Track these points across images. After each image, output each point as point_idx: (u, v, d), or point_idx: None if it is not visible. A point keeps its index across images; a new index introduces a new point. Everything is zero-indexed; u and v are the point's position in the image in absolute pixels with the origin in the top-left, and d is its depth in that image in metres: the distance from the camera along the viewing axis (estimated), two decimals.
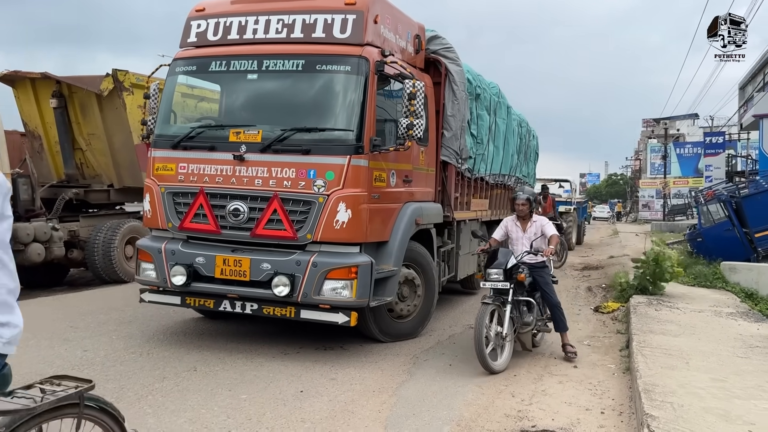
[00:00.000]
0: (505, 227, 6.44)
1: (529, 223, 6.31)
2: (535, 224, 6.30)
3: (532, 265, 6.10)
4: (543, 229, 6.22)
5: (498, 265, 5.85)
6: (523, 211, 6.28)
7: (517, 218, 6.36)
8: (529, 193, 6.42)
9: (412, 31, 7.09)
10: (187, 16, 6.56)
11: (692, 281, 11.16)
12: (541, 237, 6.20)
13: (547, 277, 6.19)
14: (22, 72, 11.35)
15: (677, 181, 47.73)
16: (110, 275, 10.71)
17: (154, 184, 6.22)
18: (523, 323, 5.98)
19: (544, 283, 6.14)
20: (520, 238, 6.30)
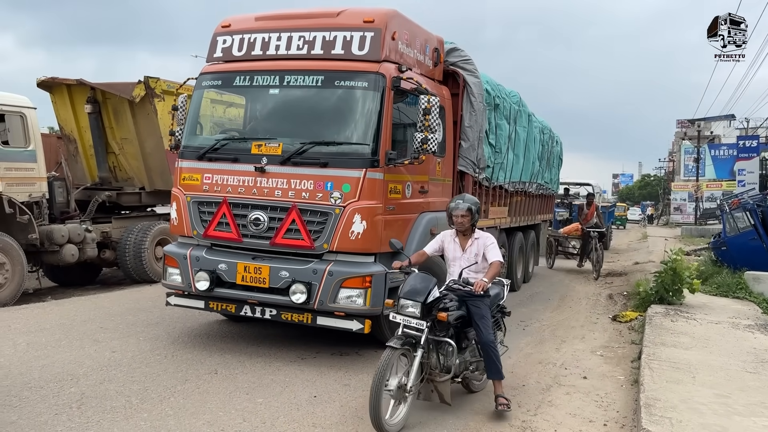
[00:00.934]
0: (441, 242, 5.31)
1: (470, 241, 5.18)
2: (476, 242, 5.17)
3: (466, 294, 4.91)
4: (485, 251, 5.12)
5: (414, 294, 4.63)
6: (462, 224, 5.13)
7: (457, 233, 5.24)
8: (470, 202, 5.17)
9: (430, 44, 7.26)
10: (214, 31, 6.84)
11: (715, 290, 11.10)
12: (482, 261, 5.13)
13: (485, 308, 4.95)
14: (58, 78, 11.82)
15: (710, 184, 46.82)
16: (140, 275, 11.12)
17: (181, 193, 6.51)
18: (442, 369, 4.78)
19: (479, 317, 4.90)
20: (457, 259, 5.20)
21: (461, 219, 5.12)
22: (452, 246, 5.24)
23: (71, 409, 4.64)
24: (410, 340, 4.57)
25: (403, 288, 4.77)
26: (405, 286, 4.75)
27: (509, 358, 6.62)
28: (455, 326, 4.84)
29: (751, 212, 12.54)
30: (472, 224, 5.18)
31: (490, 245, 5.13)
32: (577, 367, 6.39)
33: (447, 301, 4.80)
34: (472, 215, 5.14)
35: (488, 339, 4.88)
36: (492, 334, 4.95)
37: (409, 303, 4.63)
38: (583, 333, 8.17)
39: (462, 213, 5.11)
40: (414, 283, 4.74)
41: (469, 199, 5.25)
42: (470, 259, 5.12)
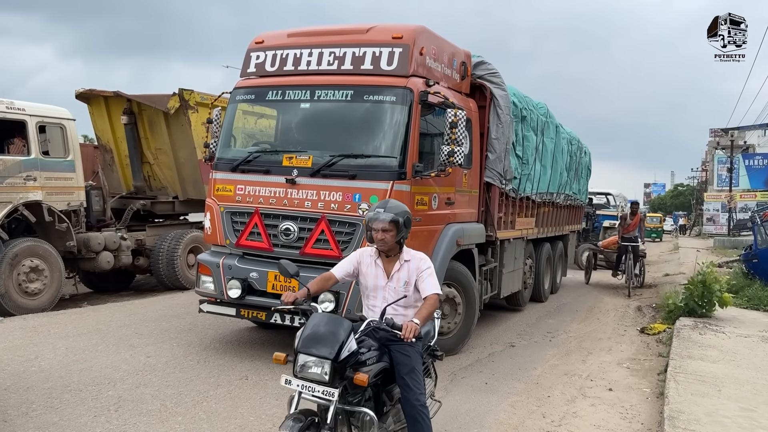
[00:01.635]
0: (357, 262, 3.91)
1: (398, 265, 3.78)
2: (406, 267, 3.77)
3: (390, 338, 3.60)
4: (419, 280, 3.72)
5: (319, 345, 3.24)
6: (384, 242, 3.70)
7: (379, 254, 3.82)
8: (396, 211, 3.70)
9: (457, 58, 7.38)
10: (248, 47, 7.06)
11: (745, 303, 10.97)
12: (414, 293, 3.75)
13: (416, 358, 3.65)
14: (96, 90, 12.21)
15: (744, 195, 45.93)
16: (173, 282, 11.40)
17: (215, 203, 6.72)
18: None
19: (408, 369, 3.59)
20: (378, 289, 3.81)
21: (382, 235, 3.66)
22: (372, 270, 3.83)
23: (109, 412, 4.84)
24: (312, 419, 3.27)
25: (301, 336, 3.33)
26: (305, 332, 3.34)
27: (534, 368, 6.70)
28: (374, 384, 3.57)
29: None
30: (399, 242, 3.74)
31: (426, 271, 3.72)
32: (603, 379, 6.41)
33: (365, 351, 3.46)
34: (399, 229, 3.67)
35: (418, 400, 3.58)
36: (423, 393, 3.64)
37: (311, 361, 3.20)
38: (610, 345, 8.16)
39: (383, 226, 3.65)
40: (318, 328, 3.32)
41: (393, 206, 3.76)
42: (397, 290, 3.73)
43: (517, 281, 9.64)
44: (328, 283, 3.96)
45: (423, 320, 3.53)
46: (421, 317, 3.52)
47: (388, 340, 3.64)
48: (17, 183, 9.11)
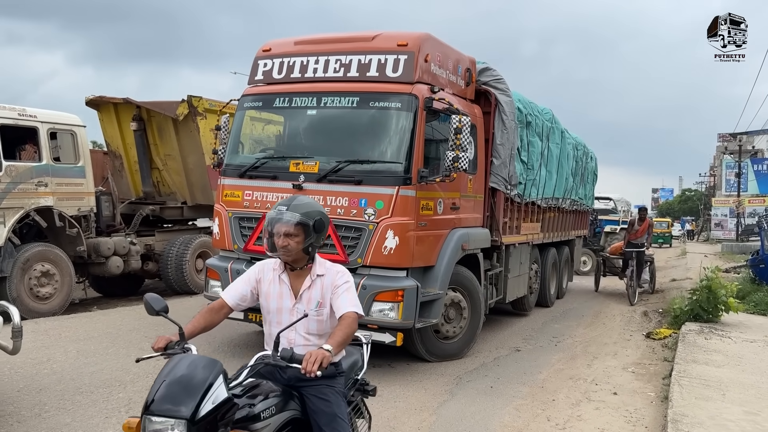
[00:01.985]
0: (257, 280, 3.09)
1: (308, 280, 3.02)
2: (320, 283, 3.01)
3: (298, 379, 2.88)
4: (333, 297, 2.98)
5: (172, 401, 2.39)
6: (288, 250, 2.94)
7: (285, 267, 3.04)
8: (304, 210, 2.93)
9: (462, 65, 7.46)
10: (255, 55, 7.17)
11: (752, 309, 10.98)
12: (330, 316, 2.99)
13: (336, 400, 2.96)
14: (106, 97, 12.37)
15: (753, 200, 45.77)
16: (181, 286, 11.51)
17: (223, 209, 6.82)
18: None
19: (327, 419, 2.90)
20: (284, 311, 3.02)
21: (284, 240, 2.88)
22: (276, 288, 3.03)
23: (120, 413, 4.93)
24: None
25: (151, 391, 2.45)
26: (156, 383, 2.47)
27: (540, 373, 6.75)
28: None
29: None
30: (307, 250, 2.94)
31: (342, 286, 2.97)
32: (608, 383, 6.45)
33: (258, 399, 2.71)
34: (307, 234, 2.90)
35: None
36: None
37: (159, 423, 2.35)
38: (615, 349, 8.19)
39: (286, 229, 2.88)
40: (172, 377, 2.46)
41: (301, 204, 2.95)
42: (308, 311, 2.92)
43: (523, 286, 9.68)
44: (218, 315, 3.10)
45: (337, 346, 2.73)
46: (335, 342, 2.73)
47: (299, 381, 2.84)
48: (29, 189, 9.24)
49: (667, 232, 42.53)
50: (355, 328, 2.93)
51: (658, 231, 38.92)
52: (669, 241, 41.82)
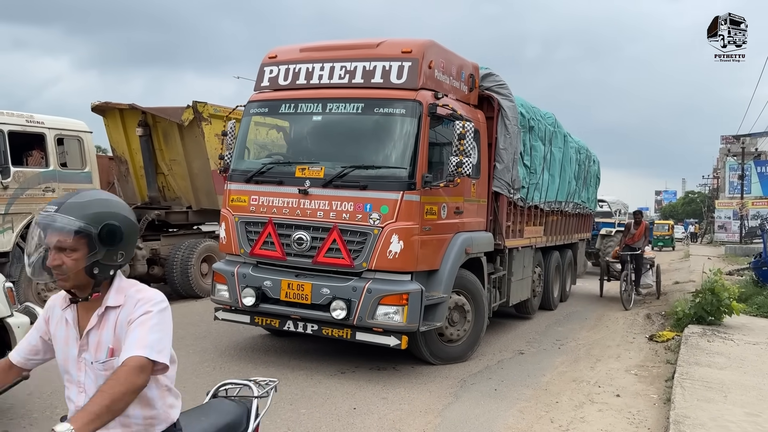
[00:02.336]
0: (45, 322, 2.28)
1: (96, 316, 2.13)
2: (113, 317, 2.12)
3: None
4: (130, 332, 2.04)
5: None
6: (62, 272, 2.06)
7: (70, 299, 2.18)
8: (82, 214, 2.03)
9: (465, 71, 7.55)
10: (261, 62, 7.27)
11: (755, 311, 11.02)
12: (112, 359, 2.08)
13: None
14: (112, 103, 12.49)
15: (756, 202, 45.73)
16: (187, 291, 11.59)
17: (229, 213, 6.91)
18: None
19: None
20: (71, 363, 2.17)
21: (56, 257, 2.04)
22: (62, 331, 2.21)
23: None
24: None
25: None
26: None
27: (543, 375, 6.81)
28: None
29: None
30: (91, 271, 2.07)
31: (139, 319, 2.06)
32: (611, 386, 6.51)
33: None
34: (91, 246, 2.05)
35: None
36: None
37: None
38: (618, 352, 8.24)
39: (58, 240, 2.04)
40: None
41: (81, 202, 2.09)
42: (98, 360, 2.12)
43: (526, 289, 9.75)
44: (5, 376, 2.30)
45: (88, 424, 1.77)
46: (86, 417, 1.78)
47: None
48: (36, 194, 9.35)
49: (668, 234, 40.64)
50: (137, 383, 1.92)
51: (659, 234, 37.29)
52: (670, 243, 40.12)
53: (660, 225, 41.85)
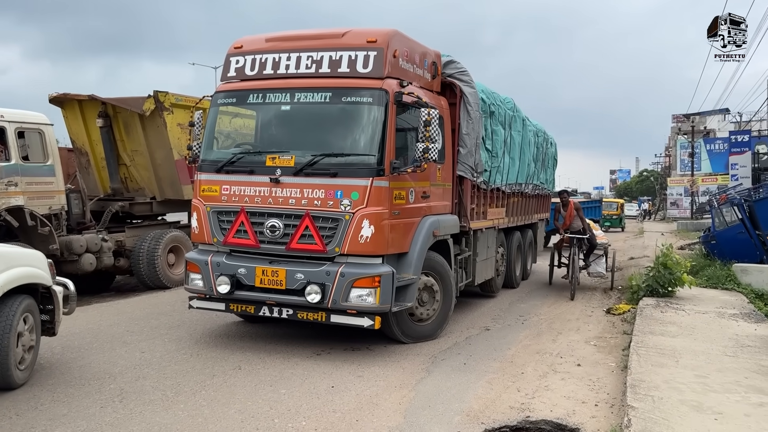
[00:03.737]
0: None
1: None
2: None
3: None
4: None
5: None
6: None
7: None
8: None
9: (428, 58, 7.77)
10: (227, 52, 7.34)
11: (705, 283, 11.61)
12: None
13: None
14: (70, 94, 12.30)
15: (706, 179, 47.39)
16: (154, 281, 11.59)
17: (201, 203, 7.01)
18: None
19: None
20: None
21: None
22: None
23: (114, 403, 5.14)
24: None
25: None
26: None
27: (509, 349, 7.16)
28: None
29: (738, 207, 13.07)
30: None
31: None
32: (572, 356, 6.89)
33: None
34: None
35: None
36: None
37: None
38: (578, 325, 8.67)
39: None
40: None
41: None
42: None
43: (490, 269, 10.10)
44: None
45: None
46: None
47: None
48: None
49: (617, 214, 35.84)
50: None
51: (607, 213, 33.23)
52: (619, 224, 35.47)
53: (608, 203, 37.28)
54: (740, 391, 5.12)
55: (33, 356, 5.76)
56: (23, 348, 5.54)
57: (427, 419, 4.92)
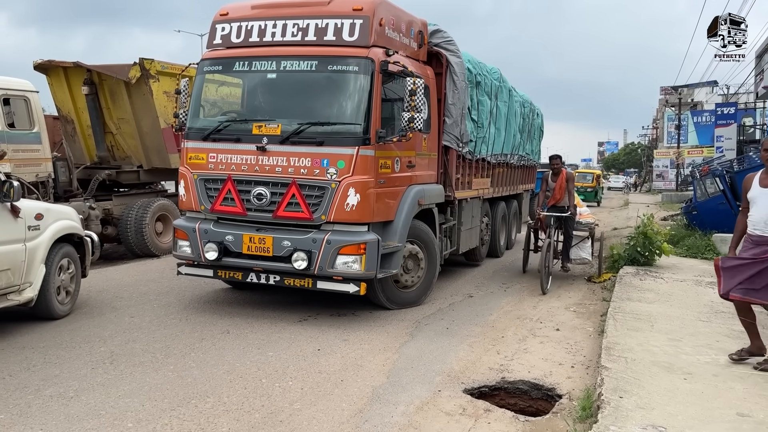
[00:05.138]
0: None
1: None
2: None
3: None
4: None
5: None
6: None
7: None
8: None
9: (415, 27, 7.79)
10: (213, 20, 7.33)
11: (685, 252, 11.87)
12: None
13: None
14: (55, 61, 12.19)
15: (692, 151, 47.73)
16: (142, 250, 11.67)
17: (188, 171, 7.07)
18: None
19: None
20: None
21: None
22: None
23: (105, 364, 5.27)
24: None
25: None
26: None
27: (490, 314, 7.36)
28: None
29: (720, 178, 13.28)
30: None
31: None
32: (552, 321, 7.10)
33: None
34: None
35: None
36: None
37: None
38: (559, 293, 8.88)
39: None
40: None
41: None
42: None
43: (475, 238, 10.26)
44: None
45: None
46: None
47: None
48: None
49: (592, 186, 31.84)
50: None
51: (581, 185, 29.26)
52: (594, 197, 31.01)
53: (582, 174, 33.51)
54: (711, 354, 5.33)
55: (74, 293, 7.02)
56: (63, 287, 6.80)
57: (409, 379, 5.10)
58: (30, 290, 6.28)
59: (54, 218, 6.70)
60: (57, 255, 6.67)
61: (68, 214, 7.10)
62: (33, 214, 6.39)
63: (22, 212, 6.16)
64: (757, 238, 4.97)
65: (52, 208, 6.88)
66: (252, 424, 4.19)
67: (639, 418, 3.88)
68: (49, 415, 4.26)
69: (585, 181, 31.62)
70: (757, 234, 4.98)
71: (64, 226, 6.81)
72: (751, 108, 40.42)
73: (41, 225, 6.46)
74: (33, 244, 6.33)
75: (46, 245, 6.49)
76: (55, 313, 6.63)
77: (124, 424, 4.14)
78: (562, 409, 4.57)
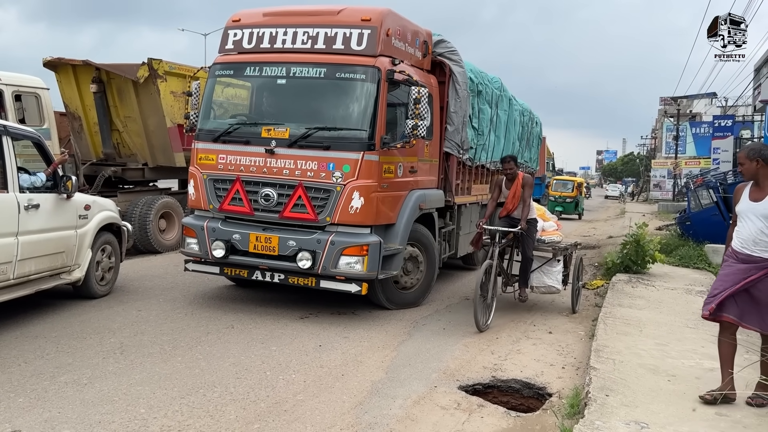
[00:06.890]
0: None
1: None
2: None
3: None
4: None
5: None
6: None
7: None
8: None
9: (420, 38, 8.05)
10: (225, 25, 7.59)
11: (677, 261, 12.14)
12: None
13: None
14: (64, 59, 12.42)
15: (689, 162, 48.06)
16: (146, 246, 11.88)
17: (198, 171, 7.31)
18: None
19: None
20: None
21: None
22: None
23: (116, 354, 5.50)
24: None
25: None
26: None
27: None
28: None
29: (713, 190, 13.57)
30: None
31: None
32: (545, 325, 7.35)
33: None
34: None
35: None
36: None
37: None
38: (553, 297, 9.09)
39: None
40: None
41: None
42: None
43: None
44: None
45: None
46: None
47: None
48: None
49: (571, 196, 27.42)
50: None
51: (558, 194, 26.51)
52: (573, 209, 27.08)
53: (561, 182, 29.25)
54: (695, 358, 5.58)
55: (113, 276, 7.89)
56: (103, 270, 7.63)
57: (407, 375, 5.34)
58: (78, 271, 7.12)
59: (99, 209, 7.58)
60: (99, 241, 7.49)
61: (109, 206, 7.99)
62: (82, 205, 7.25)
63: (73, 203, 7.06)
64: (745, 257, 4.44)
65: (97, 201, 7.79)
66: (258, 412, 4.43)
67: (623, 414, 4.14)
68: (65, 399, 4.49)
69: (564, 190, 27.71)
70: (745, 253, 4.44)
71: (106, 216, 7.68)
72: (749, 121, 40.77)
73: (89, 215, 7.33)
74: (82, 230, 7.18)
75: (93, 232, 7.33)
76: (95, 293, 7.45)
77: (136, 409, 4.37)
78: (551, 406, 4.82)
